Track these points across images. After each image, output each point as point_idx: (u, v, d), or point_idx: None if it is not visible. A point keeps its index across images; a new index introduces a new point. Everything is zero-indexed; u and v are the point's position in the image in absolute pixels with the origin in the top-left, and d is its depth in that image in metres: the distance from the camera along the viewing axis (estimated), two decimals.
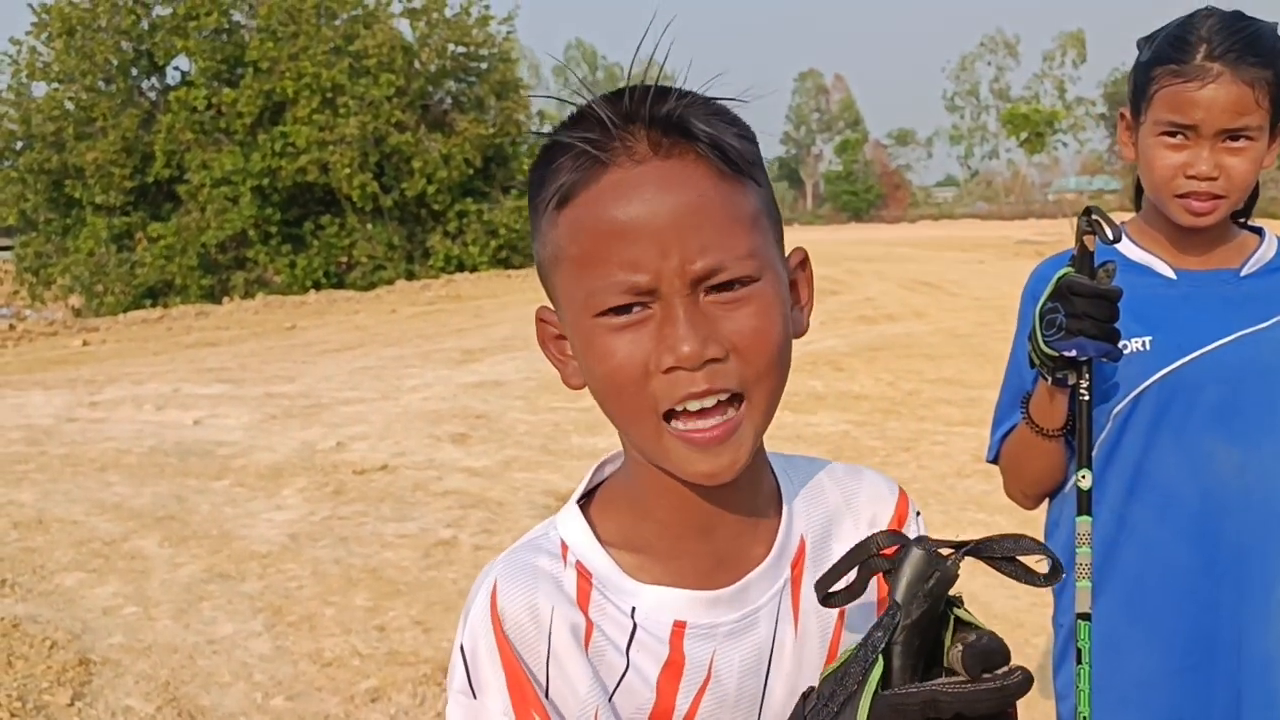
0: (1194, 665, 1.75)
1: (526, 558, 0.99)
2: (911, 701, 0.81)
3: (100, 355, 13.62)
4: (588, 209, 0.89)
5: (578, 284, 0.91)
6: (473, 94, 29.29)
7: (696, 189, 0.89)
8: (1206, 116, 1.66)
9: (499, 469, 7.33)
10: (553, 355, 1.00)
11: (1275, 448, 1.73)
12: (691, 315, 0.88)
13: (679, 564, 0.99)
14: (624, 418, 0.93)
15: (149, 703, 4.00)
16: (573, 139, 0.90)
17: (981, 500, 6.23)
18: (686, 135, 0.89)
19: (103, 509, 6.46)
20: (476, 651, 0.96)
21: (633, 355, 0.89)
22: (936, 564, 0.84)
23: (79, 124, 26.64)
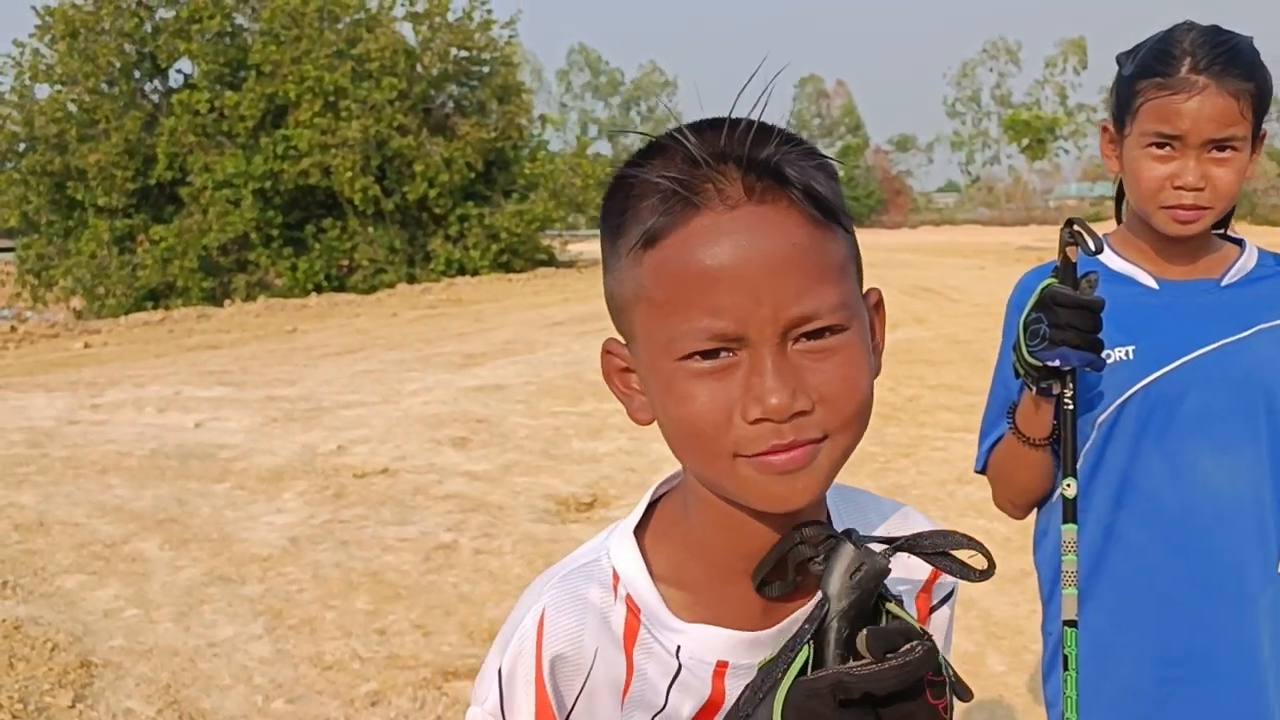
0: (1181, 677, 1.77)
1: (578, 587, 0.99)
2: (822, 685, 0.86)
3: (102, 357, 13.65)
4: (676, 252, 0.88)
5: (661, 327, 0.89)
6: (475, 98, 29.34)
7: (789, 237, 0.88)
8: (1193, 128, 1.69)
9: (499, 473, 7.34)
10: (618, 389, 0.99)
11: (1257, 455, 1.76)
12: (780, 366, 0.87)
13: (725, 605, 0.99)
14: (699, 459, 0.92)
15: (150, 705, 4.02)
16: (663, 179, 0.88)
17: (981, 507, 6.25)
18: (781, 180, 0.88)
19: (104, 511, 6.47)
20: (515, 676, 0.98)
21: (715, 402, 0.88)
22: (865, 557, 0.89)
23: (82, 126, 26.69)
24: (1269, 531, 1.77)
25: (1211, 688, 1.77)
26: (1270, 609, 1.77)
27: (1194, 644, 1.77)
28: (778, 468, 0.89)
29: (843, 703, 0.85)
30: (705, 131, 0.90)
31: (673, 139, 0.91)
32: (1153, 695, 1.78)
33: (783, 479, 0.89)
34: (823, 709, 0.85)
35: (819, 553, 0.91)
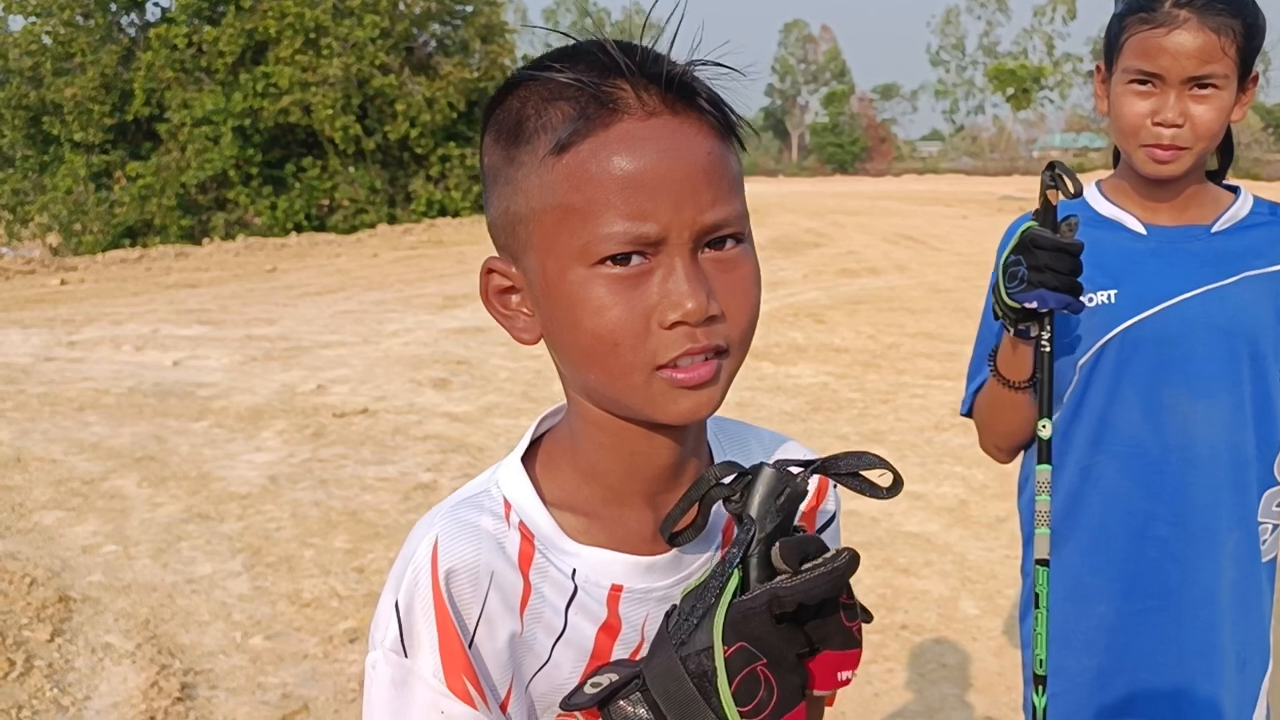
0: (1155, 608, 1.81)
1: (469, 516, 0.98)
2: (757, 604, 0.87)
3: (79, 295, 13.54)
4: (596, 156, 0.88)
5: (573, 233, 0.89)
6: (457, 37, 28.97)
7: (705, 147, 0.90)
8: (1173, 63, 1.68)
9: (480, 415, 7.35)
10: (496, 310, 0.99)
11: (1238, 403, 1.77)
12: (694, 272, 0.89)
13: (620, 529, 1.00)
14: (612, 373, 0.92)
15: (129, 639, 4.03)
16: (579, 82, 0.89)
17: (959, 453, 6.30)
18: (693, 93, 0.91)
19: (81, 449, 6.46)
20: (412, 608, 0.94)
21: (633, 310, 0.89)
22: (786, 480, 0.90)
23: (57, 59, 26.23)
24: (1245, 476, 1.79)
25: (1177, 621, 1.80)
26: (1234, 551, 1.80)
27: (1164, 578, 1.80)
28: (689, 382, 0.91)
29: (776, 618, 0.87)
30: (626, 47, 0.92)
31: (598, 47, 0.91)
32: (1127, 629, 1.81)
33: (691, 394, 0.91)
34: (760, 628, 0.87)
35: (734, 490, 0.91)
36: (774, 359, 9.05)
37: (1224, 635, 1.80)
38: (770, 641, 0.87)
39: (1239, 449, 1.78)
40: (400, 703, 0.94)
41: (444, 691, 0.93)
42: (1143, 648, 1.81)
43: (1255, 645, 1.84)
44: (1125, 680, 1.82)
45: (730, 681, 0.85)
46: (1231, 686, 1.81)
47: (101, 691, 3.68)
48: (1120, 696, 1.82)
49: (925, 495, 5.67)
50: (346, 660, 3.93)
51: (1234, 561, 1.80)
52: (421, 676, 0.93)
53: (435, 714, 0.93)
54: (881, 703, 3.68)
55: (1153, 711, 1.81)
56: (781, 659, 0.87)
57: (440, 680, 0.93)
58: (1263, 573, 1.84)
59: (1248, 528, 1.81)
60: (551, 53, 0.93)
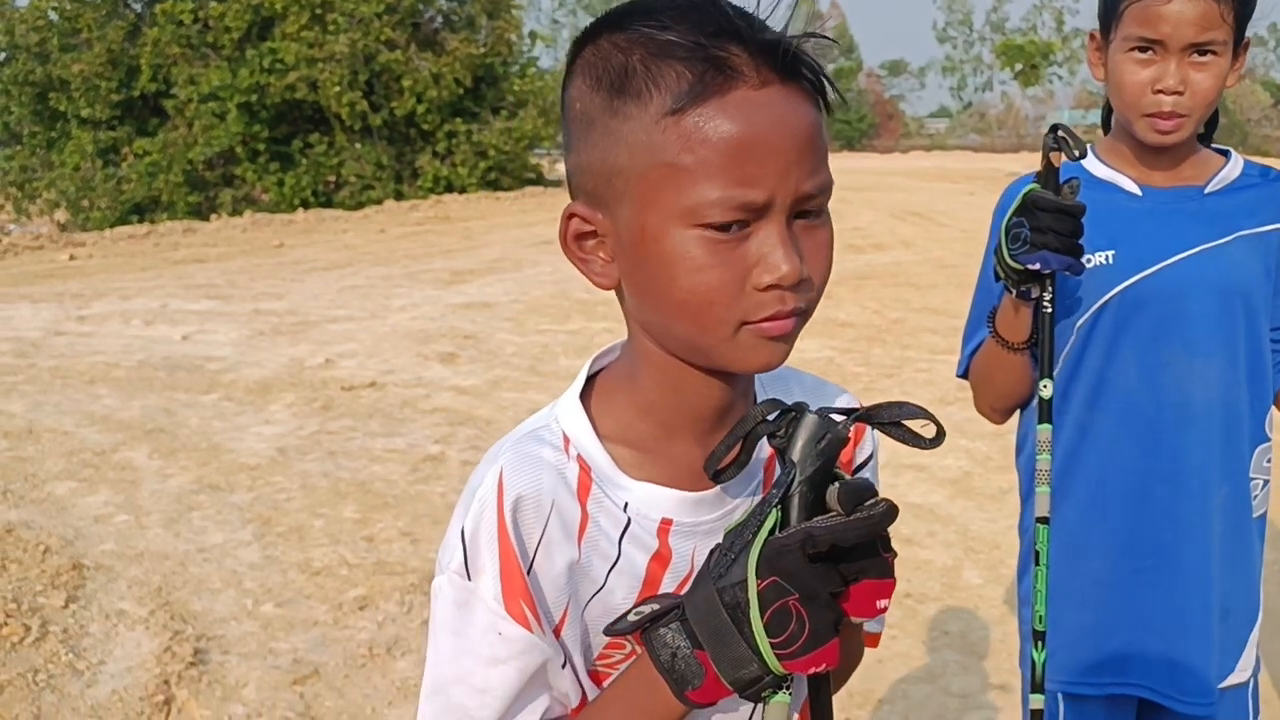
0: (1151, 566, 1.84)
1: (532, 449, 1.03)
2: (792, 541, 0.89)
3: (87, 270, 13.58)
4: (712, 121, 0.91)
5: (680, 192, 0.92)
6: (464, 12, 28.87)
7: (810, 117, 0.94)
8: (1174, 31, 1.70)
9: (487, 388, 7.39)
10: (574, 253, 1.01)
11: (1232, 360, 1.80)
12: (791, 237, 0.94)
13: (671, 464, 1.05)
14: (703, 324, 0.95)
15: (142, 606, 4.09)
16: (698, 45, 0.92)
17: (963, 427, 6.32)
18: (802, 65, 0.95)
19: (92, 421, 6.51)
20: (478, 535, 1.00)
21: (731, 270, 0.93)
22: (828, 426, 0.92)
23: (63, 35, 26.20)
24: (1238, 432, 1.82)
25: (1171, 577, 1.83)
26: (1224, 505, 1.83)
27: (1160, 536, 1.83)
28: (773, 333, 0.96)
29: (811, 557, 0.89)
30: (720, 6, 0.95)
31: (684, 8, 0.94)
32: (1124, 585, 1.85)
33: (772, 344, 0.97)
34: (793, 564, 0.89)
35: (779, 427, 0.94)
36: None
37: (1212, 592, 1.83)
38: (803, 578, 0.89)
39: (1233, 406, 1.81)
40: (462, 622, 1.00)
41: (502, 614, 0.99)
42: (1138, 605, 1.84)
43: (1241, 597, 1.88)
44: (1121, 636, 1.85)
45: (762, 614, 0.89)
46: (1218, 637, 1.84)
47: (116, 656, 3.74)
48: (1115, 652, 1.86)
49: (929, 467, 5.70)
50: (356, 627, 3.98)
51: (1223, 515, 1.83)
52: (483, 599, 0.99)
53: (493, 634, 0.99)
54: (885, 668, 3.73)
55: (1147, 666, 1.85)
56: (814, 596, 0.90)
57: (500, 603, 0.99)
58: (1253, 527, 1.87)
59: (1238, 483, 1.84)
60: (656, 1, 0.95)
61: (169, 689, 3.54)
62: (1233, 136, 43.21)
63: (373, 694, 3.58)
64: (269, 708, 3.48)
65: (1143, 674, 1.86)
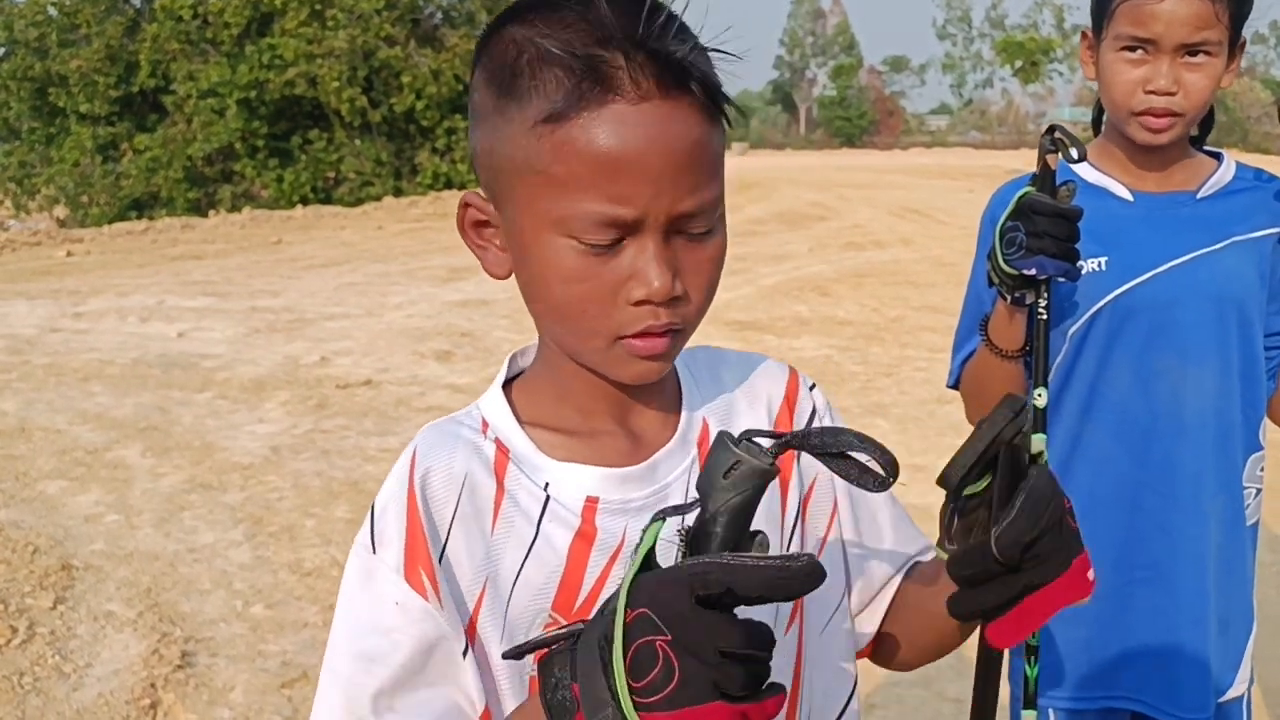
0: (1144, 578, 1.80)
1: (448, 428, 1.04)
2: (678, 574, 0.74)
3: (85, 266, 13.55)
4: (585, 134, 0.89)
5: (554, 203, 0.91)
6: (463, 9, 28.82)
7: (691, 134, 0.91)
8: (1166, 30, 1.66)
9: (482, 386, 7.25)
10: (472, 241, 1.03)
11: (1225, 368, 1.76)
12: (664, 254, 0.92)
13: (594, 444, 1.03)
14: (575, 335, 0.97)
15: (130, 608, 4.05)
16: (574, 56, 0.88)
17: (961, 427, 6.26)
18: (687, 76, 0.90)
19: (85, 419, 6.48)
20: (386, 510, 0.98)
21: (602, 283, 0.92)
22: (735, 458, 0.77)
23: (62, 30, 26.16)
24: (1231, 442, 1.78)
25: (1165, 589, 1.79)
26: (1220, 515, 1.79)
27: (1152, 547, 1.79)
28: (645, 352, 0.95)
29: (700, 599, 0.72)
30: (626, 13, 0.90)
31: (597, 10, 0.90)
32: (1116, 598, 1.81)
33: (644, 362, 0.96)
34: (674, 599, 0.73)
35: None
36: (778, 332, 9.04)
37: (1210, 605, 1.80)
38: (683, 620, 0.72)
39: (1226, 414, 1.77)
40: (362, 592, 0.98)
41: (401, 583, 0.96)
42: (1131, 617, 1.80)
43: (1238, 608, 1.84)
44: (1113, 648, 1.82)
45: (625, 650, 0.73)
46: (1215, 650, 1.81)
47: (103, 659, 3.70)
48: (1108, 665, 1.82)
49: (927, 468, 5.67)
50: None
51: (1219, 526, 1.79)
52: (384, 570, 0.97)
53: (390, 604, 0.96)
54: (879, 672, 3.70)
55: (1140, 679, 1.81)
56: (693, 645, 0.72)
57: (399, 573, 0.96)
58: (1246, 536, 1.84)
59: (1232, 492, 1.80)
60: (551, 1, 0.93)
61: (155, 692, 3.50)
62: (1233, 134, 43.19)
63: None
64: (256, 711, 3.45)
65: (1135, 687, 1.82)
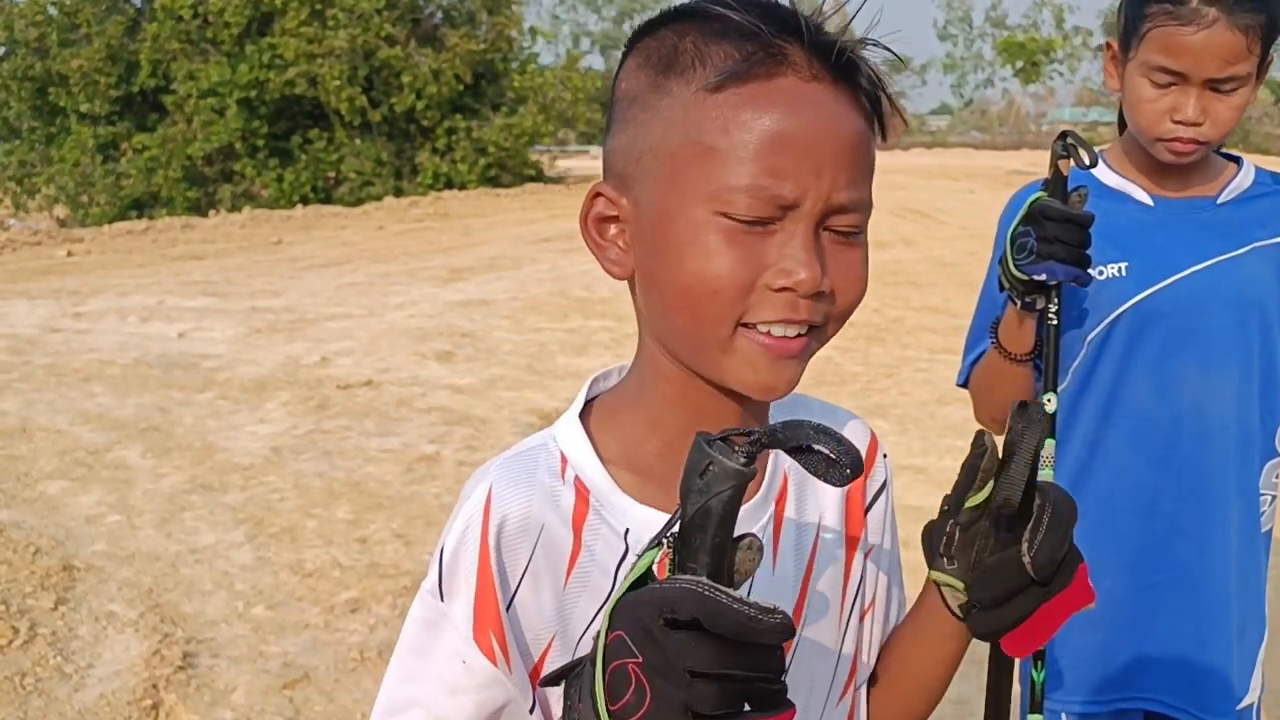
0: (1164, 582, 1.79)
1: (524, 468, 0.97)
2: (648, 596, 0.71)
3: (85, 266, 13.54)
4: (754, 103, 0.86)
5: (707, 174, 0.87)
6: (464, 8, 28.81)
7: (856, 126, 0.89)
8: (1197, 64, 1.64)
9: (483, 387, 7.35)
10: (592, 237, 0.96)
11: (1246, 374, 1.75)
12: (815, 244, 0.88)
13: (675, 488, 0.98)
14: (701, 317, 0.89)
15: (132, 608, 4.05)
16: (751, 24, 0.88)
17: (961, 427, 6.29)
18: (856, 72, 0.90)
19: (86, 419, 6.47)
20: (458, 557, 0.94)
21: (746, 262, 0.87)
22: (712, 456, 0.73)
23: (63, 30, 26.15)
24: (1250, 448, 1.78)
25: (1189, 593, 1.78)
26: (1238, 521, 1.79)
27: (1173, 552, 1.78)
28: (776, 350, 0.89)
29: (669, 622, 0.69)
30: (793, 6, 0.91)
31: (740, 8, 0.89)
32: (1134, 602, 1.79)
33: (774, 365, 0.90)
34: (644, 621, 0.70)
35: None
36: None
37: (1234, 608, 1.79)
38: (654, 643, 0.70)
39: (1246, 421, 1.76)
40: (428, 644, 0.95)
41: (470, 643, 0.93)
42: (1153, 623, 1.79)
43: (1253, 615, 1.84)
44: (1130, 651, 1.80)
45: (604, 670, 0.72)
46: (1235, 656, 1.80)
47: (104, 659, 3.70)
48: (1125, 669, 1.81)
49: (927, 469, 5.67)
50: (347, 630, 3.94)
51: (1236, 533, 1.78)
52: (453, 624, 0.93)
53: (458, 662, 0.93)
54: None
55: (1163, 681, 1.80)
56: (663, 668, 0.69)
57: (469, 631, 0.93)
58: (1261, 543, 1.83)
59: (1249, 499, 1.79)
60: None
61: (157, 693, 3.50)
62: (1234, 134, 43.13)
63: (363, 699, 3.54)
64: (258, 712, 3.44)
65: (1154, 687, 1.80)
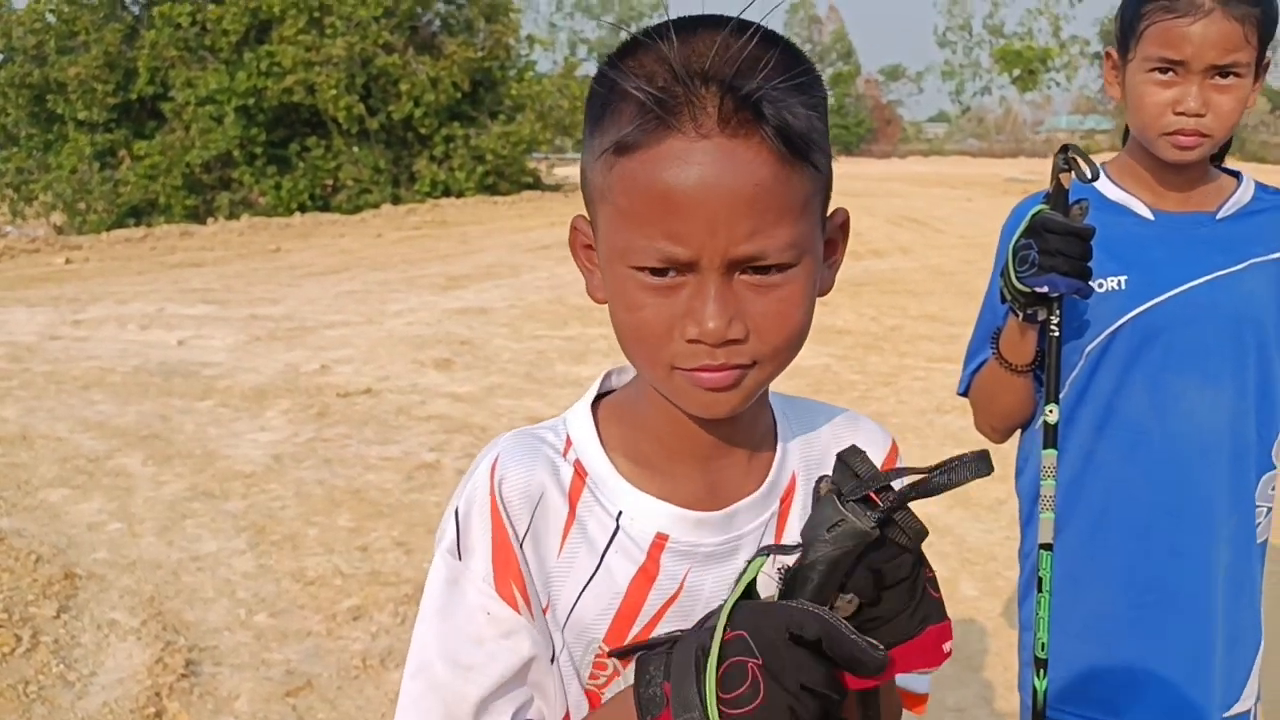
0: (1153, 602, 1.80)
1: (531, 441, 1.04)
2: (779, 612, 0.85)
3: (83, 274, 13.54)
4: (644, 169, 0.89)
5: (619, 233, 0.92)
6: (462, 16, 28.84)
7: (753, 176, 0.88)
8: (1197, 53, 1.67)
9: (483, 395, 7.36)
10: (582, 263, 1.03)
11: (1242, 389, 1.77)
12: (722, 294, 0.90)
13: (674, 482, 1.03)
14: (641, 362, 0.98)
15: (134, 616, 4.06)
16: (641, 93, 0.88)
17: (959, 436, 6.31)
18: (757, 115, 0.87)
19: (86, 427, 6.48)
20: (470, 516, 1.00)
21: (659, 315, 0.92)
22: (843, 515, 0.86)
23: (60, 38, 26.16)
24: (1245, 464, 1.79)
25: (1174, 615, 1.80)
26: (1231, 535, 1.80)
27: (1164, 571, 1.80)
28: (706, 384, 0.94)
29: (794, 638, 0.83)
30: (695, 38, 0.90)
31: (662, 40, 0.90)
32: (1124, 619, 1.81)
33: (710, 394, 0.95)
34: (770, 632, 0.84)
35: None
36: None
37: (1217, 624, 1.80)
38: (776, 651, 0.83)
39: (1241, 436, 1.78)
40: (451, 600, 0.99)
41: (492, 594, 0.99)
42: (1137, 640, 1.81)
43: (1247, 625, 1.85)
44: (1119, 668, 1.82)
45: (719, 665, 0.83)
46: (1222, 668, 1.82)
47: (107, 667, 3.71)
48: (1113, 683, 1.83)
49: None
50: (350, 638, 3.96)
51: (1230, 546, 1.80)
52: (473, 578, 0.99)
53: (482, 615, 0.98)
54: None
55: (1145, 698, 1.82)
56: (783, 675, 0.83)
57: (490, 584, 0.99)
58: (1256, 554, 1.85)
59: (1244, 512, 1.81)
60: (648, 30, 0.92)
61: (160, 701, 3.51)
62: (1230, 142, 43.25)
63: (365, 706, 3.56)
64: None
65: (1137, 711, 1.83)
